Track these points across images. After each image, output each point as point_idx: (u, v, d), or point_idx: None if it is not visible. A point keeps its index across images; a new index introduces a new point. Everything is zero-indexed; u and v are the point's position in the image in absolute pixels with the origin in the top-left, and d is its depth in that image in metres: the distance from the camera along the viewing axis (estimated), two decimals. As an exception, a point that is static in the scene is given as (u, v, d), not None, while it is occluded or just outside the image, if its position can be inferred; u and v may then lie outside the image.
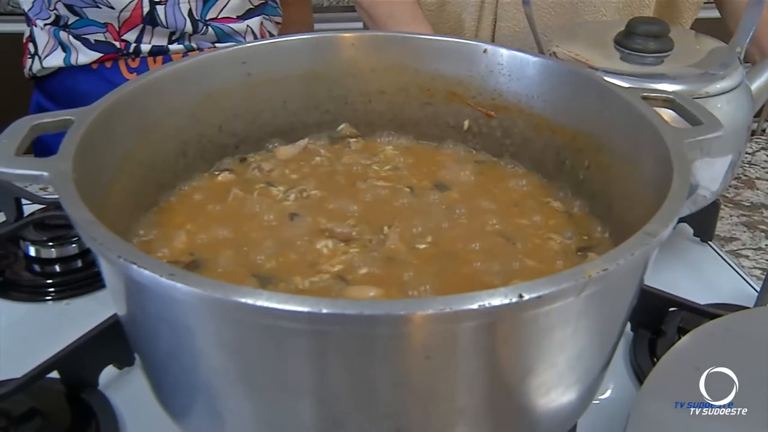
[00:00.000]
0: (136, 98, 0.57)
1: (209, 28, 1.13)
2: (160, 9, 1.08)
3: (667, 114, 0.56)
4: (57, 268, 0.75)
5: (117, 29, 1.10)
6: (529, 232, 0.58)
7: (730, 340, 0.59)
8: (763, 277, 0.71)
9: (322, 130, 0.69)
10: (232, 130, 0.66)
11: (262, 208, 0.59)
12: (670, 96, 0.57)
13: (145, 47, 1.11)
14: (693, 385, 0.55)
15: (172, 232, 0.57)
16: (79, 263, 0.75)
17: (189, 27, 1.11)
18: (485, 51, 0.64)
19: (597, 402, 0.62)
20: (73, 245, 0.75)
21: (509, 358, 0.39)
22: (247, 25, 1.15)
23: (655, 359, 0.65)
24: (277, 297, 0.33)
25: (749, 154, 1.05)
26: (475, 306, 0.34)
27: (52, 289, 0.73)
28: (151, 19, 1.08)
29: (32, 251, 0.75)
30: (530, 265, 0.54)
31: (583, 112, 0.61)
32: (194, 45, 1.14)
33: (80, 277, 0.74)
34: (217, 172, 0.64)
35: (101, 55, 1.10)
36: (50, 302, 0.72)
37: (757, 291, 0.72)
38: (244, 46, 0.65)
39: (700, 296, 0.70)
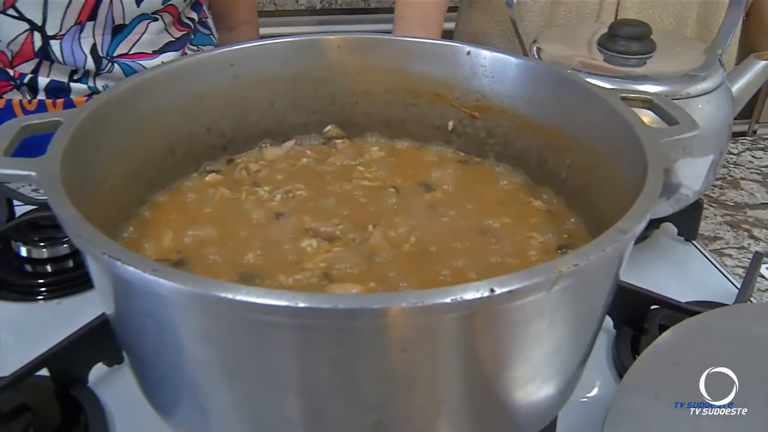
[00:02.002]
0: (126, 98, 0.58)
1: (115, 65, 1.02)
2: (54, 44, 0.97)
3: (647, 115, 0.58)
4: (48, 268, 0.76)
5: (9, 59, 0.99)
6: (511, 231, 0.59)
7: (709, 336, 0.61)
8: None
9: (309, 130, 0.70)
10: (220, 131, 0.67)
11: (248, 208, 0.60)
12: (649, 97, 0.58)
13: (43, 81, 1.00)
14: (672, 379, 0.56)
15: (160, 231, 0.57)
16: (71, 263, 0.76)
17: (91, 64, 1.00)
18: (468, 53, 0.65)
19: (584, 400, 0.63)
20: (64, 245, 0.76)
21: (485, 352, 0.40)
22: (162, 62, 1.03)
23: (637, 356, 0.66)
24: (255, 291, 0.34)
25: (734, 154, 1.07)
26: (448, 300, 0.35)
27: (43, 289, 0.74)
28: (44, 54, 0.97)
29: (24, 251, 0.76)
30: (511, 263, 0.55)
31: (565, 113, 0.62)
32: (100, 87, 1.02)
33: (71, 277, 0.75)
34: (205, 173, 0.65)
35: None
36: (42, 302, 0.73)
37: (739, 289, 0.73)
38: (232, 48, 0.66)
39: (684, 294, 0.72)
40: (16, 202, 0.81)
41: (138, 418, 0.57)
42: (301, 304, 0.34)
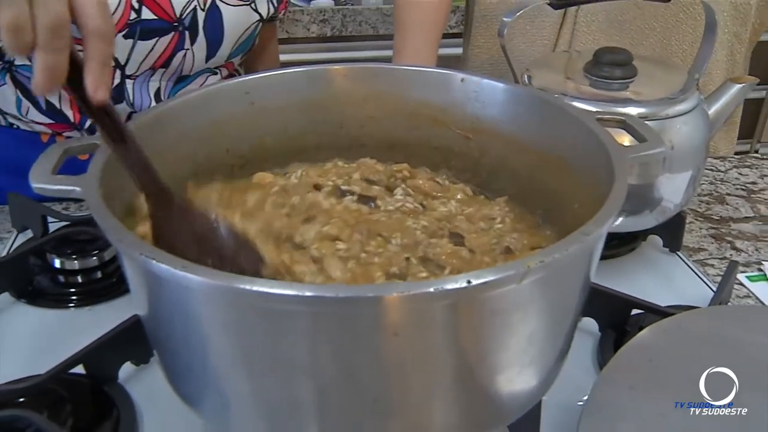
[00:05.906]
0: (152, 124, 0.65)
1: None
2: (129, 84, 1.00)
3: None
4: (79, 278, 0.84)
5: None
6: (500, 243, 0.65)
7: (682, 335, 0.66)
8: (723, 282, 0.78)
9: (320, 151, 0.77)
10: (238, 153, 0.73)
11: (281, 199, 0.67)
12: (622, 118, 0.64)
13: None
14: (645, 373, 0.62)
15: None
16: (99, 274, 0.83)
17: None
18: (462, 80, 0.72)
19: (580, 403, 0.68)
20: (94, 258, 0.83)
21: (467, 338, 0.46)
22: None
23: (619, 355, 0.71)
24: (269, 283, 0.41)
25: (722, 171, 1.12)
26: (431, 289, 0.41)
27: (75, 297, 0.81)
28: (117, 93, 0.99)
29: (57, 263, 0.83)
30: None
31: (549, 134, 0.67)
32: None
33: (100, 287, 0.82)
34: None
35: (51, 122, 1.01)
36: (73, 309, 0.80)
37: (714, 293, 0.79)
38: (247, 78, 0.73)
39: (667, 300, 0.78)
40: (50, 219, 0.89)
41: (163, 411, 0.64)
42: (308, 293, 0.40)
